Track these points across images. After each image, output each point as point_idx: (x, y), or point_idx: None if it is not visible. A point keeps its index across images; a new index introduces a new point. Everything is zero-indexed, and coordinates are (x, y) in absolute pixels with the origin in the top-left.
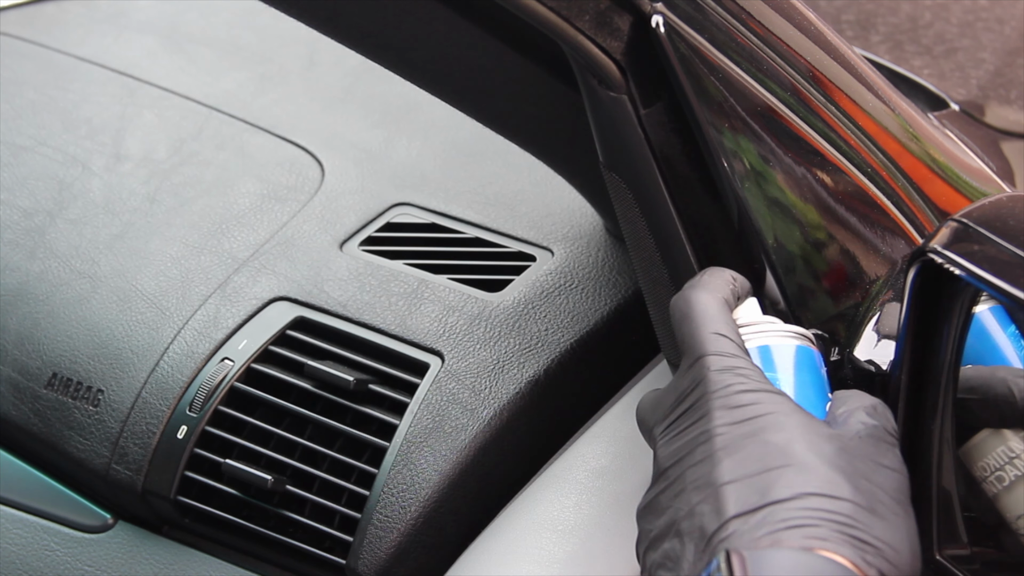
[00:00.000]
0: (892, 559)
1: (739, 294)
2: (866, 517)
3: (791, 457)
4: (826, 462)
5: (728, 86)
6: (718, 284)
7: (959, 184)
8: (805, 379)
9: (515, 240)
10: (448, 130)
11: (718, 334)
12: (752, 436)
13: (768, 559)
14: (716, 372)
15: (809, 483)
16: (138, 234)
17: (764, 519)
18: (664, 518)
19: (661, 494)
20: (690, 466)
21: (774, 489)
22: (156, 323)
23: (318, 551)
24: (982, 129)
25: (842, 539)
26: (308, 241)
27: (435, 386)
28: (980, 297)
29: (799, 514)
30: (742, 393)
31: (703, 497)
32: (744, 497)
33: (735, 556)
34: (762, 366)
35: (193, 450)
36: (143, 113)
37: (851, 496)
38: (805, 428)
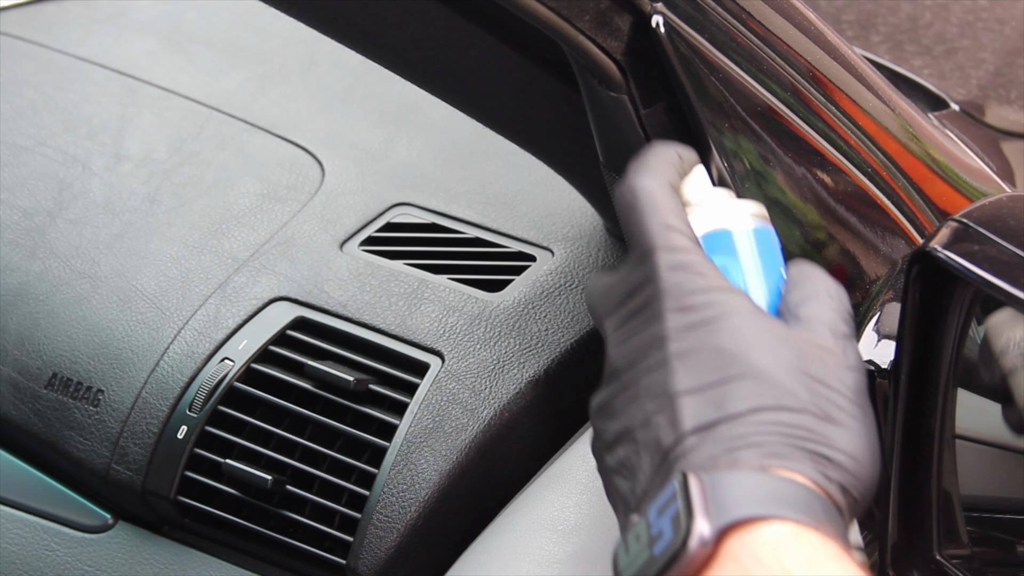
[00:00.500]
0: (852, 469)
1: (686, 169)
2: (824, 427)
3: (746, 365)
4: (782, 369)
5: (728, 86)
6: (663, 167)
7: (959, 184)
8: (763, 263)
9: (515, 240)
10: (448, 130)
11: (667, 226)
12: (706, 342)
13: (726, 482)
14: (667, 270)
15: (765, 395)
16: (138, 234)
17: (721, 436)
18: (619, 422)
19: (615, 397)
20: (644, 371)
21: (730, 402)
22: (156, 323)
23: (318, 551)
24: (982, 129)
25: (800, 455)
26: (308, 241)
27: (435, 386)
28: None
29: (756, 430)
30: (695, 293)
31: (658, 407)
32: (700, 410)
33: (693, 479)
34: (718, 251)
35: (193, 450)
36: (143, 113)
37: (808, 406)
38: (761, 330)
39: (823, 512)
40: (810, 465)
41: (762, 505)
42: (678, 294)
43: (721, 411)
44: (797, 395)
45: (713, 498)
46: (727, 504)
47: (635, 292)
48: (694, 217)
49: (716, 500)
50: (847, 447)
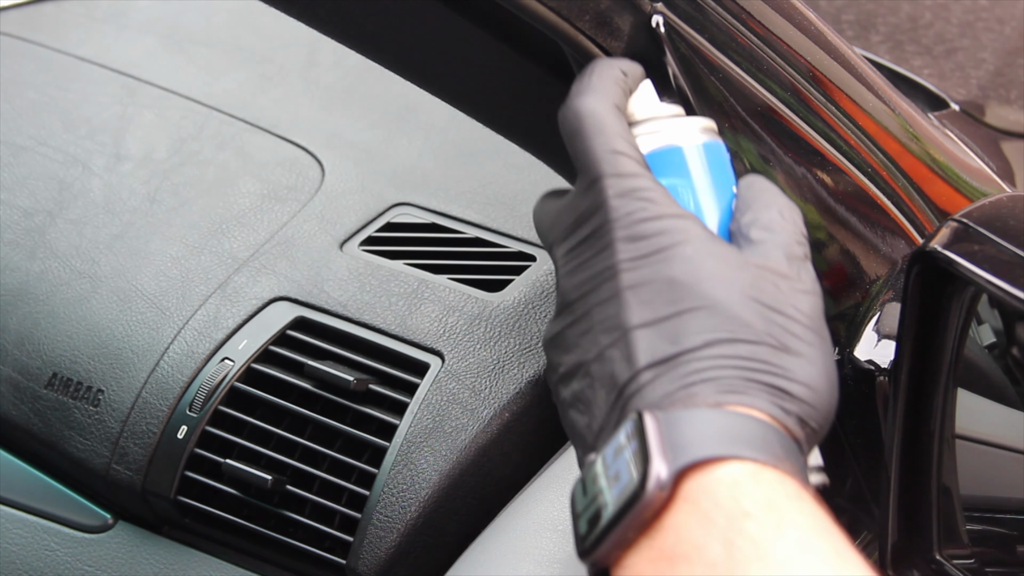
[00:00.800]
0: (809, 399)
1: (632, 86)
2: (779, 358)
3: (699, 297)
4: (736, 299)
5: (728, 86)
6: (607, 86)
7: (959, 184)
8: (713, 181)
9: (515, 240)
10: (448, 130)
11: (614, 151)
12: (659, 273)
13: (682, 420)
14: (616, 198)
15: (719, 327)
16: (138, 234)
17: (676, 371)
18: (573, 355)
19: (568, 328)
20: (596, 304)
21: (684, 336)
22: (156, 323)
23: (318, 551)
24: (982, 129)
25: (756, 388)
26: (308, 241)
27: (435, 386)
28: (980, 297)
29: (710, 364)
30: (646, 222)
31: (612, 341)
32: (654, 345)
33: (649, 418)
34: (667, 170)
35: (193, 450)
36: (143, 113)
37: (763, 336)
38: (714, 258)
39: (781, 448)
40: (767, 399)
41: (719, 445)
42: (628, 222)
43: (675, 345)
44: (752, 326)
45: (669, 438)
46: (684, 445)
47: (584, 220)
48: (641, 136)
49: (672, 441)
50: (804, 377)
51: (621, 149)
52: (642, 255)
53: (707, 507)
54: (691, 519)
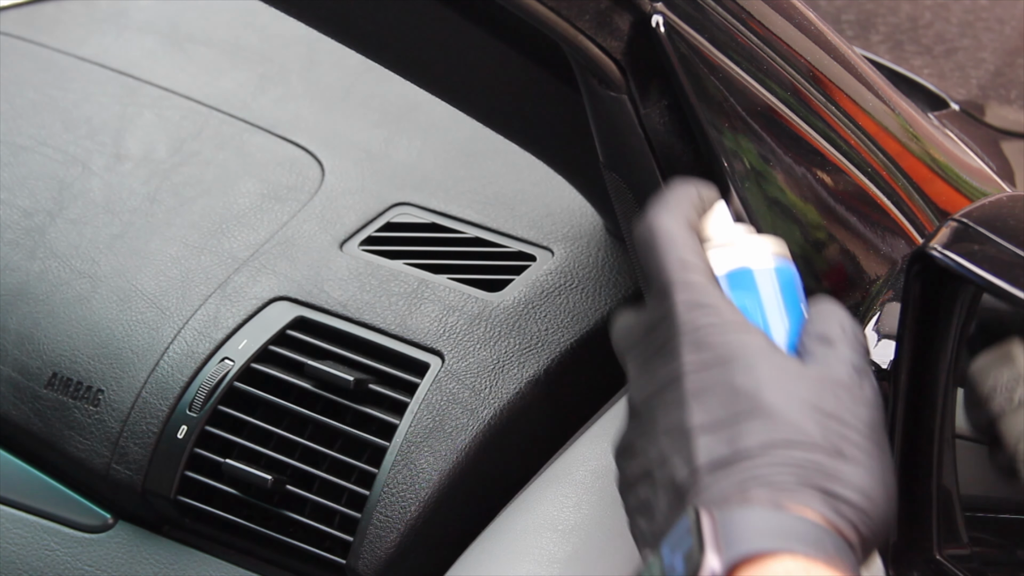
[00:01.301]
0: (864, 506)
1: (705, 207)
2: (836, 464)
3: (759, 403)
4: (795, 406)
5: (728, 86)
6: (682, 205)
7: (959, 184)
8: (783, 302)
9: (515, 240)
10: (448, 130)
11: (684, 263)
12: (721, 380)
13: (738, 519)
14: (684, 308)
15: (777, 432)
16: (138, 234)
17: (733, 473)
18: (638, 463)
19: (635, 437)
20: (661, 410)
21: (742, 439)
22: (156, 323)
23: (318, 551)
24: (982, 129)
25: (811, 491)
26: (308, 241)
27: (435, 386)
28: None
29: (767, 467)
30: (711, 331)
31: (674, 445)
32: (713, 448)
33: (705, 515)
34: (739, 289)
35: (193, 450)
36: (143, 113)
37: (820, 442)
38: (775, 368)
39: (833, 548)
40: (821, 501)
41: (772, 540)
42: (694, 332)
43: (734, 448)
44: (809, 431)
45: (724, 534)
46: (737, 539)
47: (654, 330)
48: (714, 255)
49: (727, 536)
50: (859, 483)
51: (691, 262)
52: (706, 363)
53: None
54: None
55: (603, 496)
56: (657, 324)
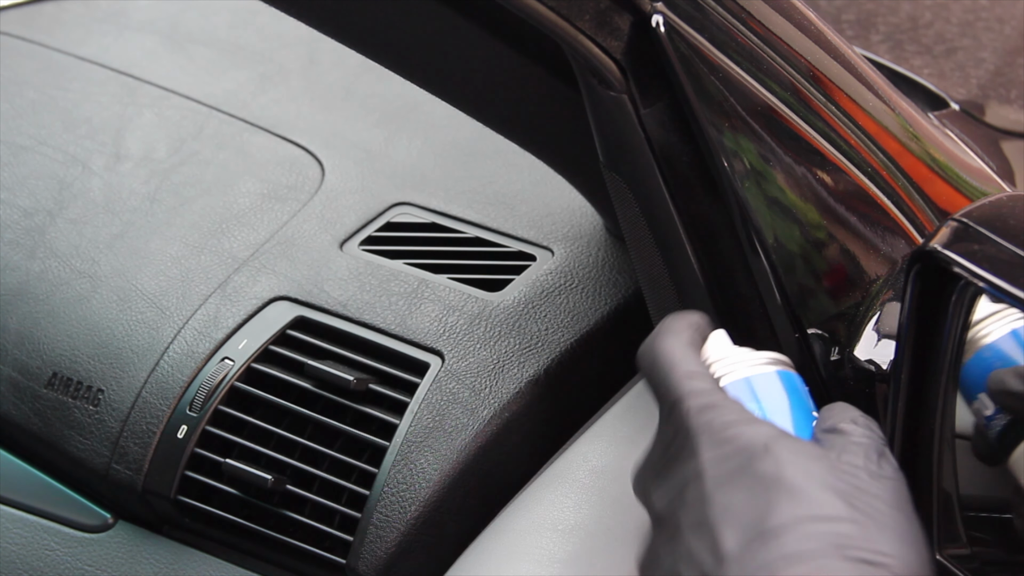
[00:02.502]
0: (899, 570)
1: (705, 333)
2: (866, 532)
3: (782, 484)
4: (818, 483)
5: (728, 85)
6: (681, 328)
7: (959, 184)
8: (790, 404)
9: (515, 240)
10: (448, 130)
11: (689, 374)
12: (741, 469)
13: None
14: (696, 412)
15: (802, 508)
16: (138, 233)
17: (762, 555)
18: (665, 566)
19: (659, 544)
20: (683, 509)
21: (768, 520)
22: (156, 323)
23: (318, 551)
24: (982, 129)
25: (844, 562)
26: (308, 241)
27: (435, 386)
28: (980, 297)
29: (796, 544)
30: (725, 428)
31: (699, 538)
32: (739, 534)
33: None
34: (744, 399)
35: (193, 450)
36: (143, 112)
37: (847, 514)
38: (793, 452)
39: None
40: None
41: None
42: (709, 431)
43: (760, 531)
44: (834, 504)
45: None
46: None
47: (670, 444)
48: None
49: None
50: (893, 549)
51: (696, 371)
52: (725, 456)
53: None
54: None
55: (603, 496)
56: (672, 437)
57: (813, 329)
